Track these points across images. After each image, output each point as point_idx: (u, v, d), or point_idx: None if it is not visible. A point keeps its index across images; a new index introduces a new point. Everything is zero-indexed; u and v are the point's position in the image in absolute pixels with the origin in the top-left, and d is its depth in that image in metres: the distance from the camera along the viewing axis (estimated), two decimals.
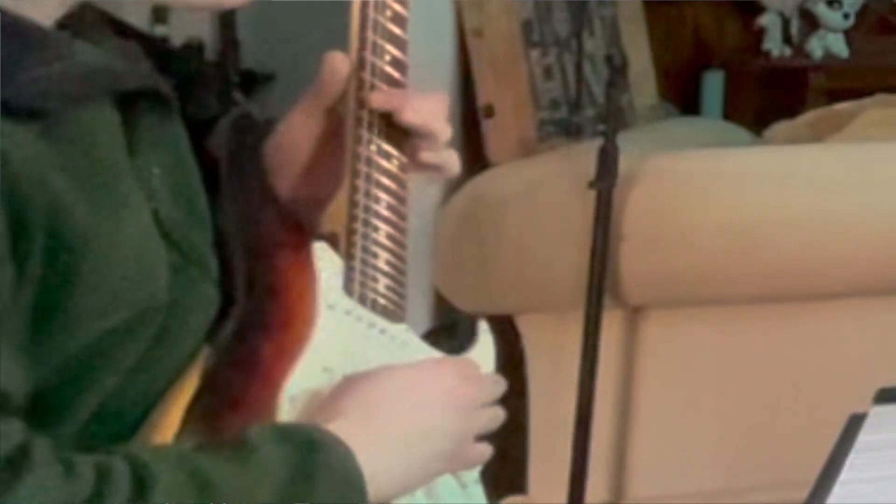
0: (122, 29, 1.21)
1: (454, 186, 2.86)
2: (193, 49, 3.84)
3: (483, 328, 1.39)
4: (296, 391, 1.18)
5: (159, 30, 3.77)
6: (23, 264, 1.01)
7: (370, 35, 1.28)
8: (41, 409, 1.05)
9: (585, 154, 2.53)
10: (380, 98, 1.27)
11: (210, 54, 3.91)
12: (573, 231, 2.50)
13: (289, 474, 1.09)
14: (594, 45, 3.71)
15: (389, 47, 1.28)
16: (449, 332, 1.41)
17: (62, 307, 1.04)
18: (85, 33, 1.14)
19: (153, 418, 1.13)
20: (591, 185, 2.45)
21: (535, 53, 3.53)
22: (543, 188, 2.62)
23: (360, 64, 1.28)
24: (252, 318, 1.18)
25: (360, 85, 1.28)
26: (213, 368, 1.15)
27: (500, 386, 1.30)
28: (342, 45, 1.30)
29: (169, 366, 1.14)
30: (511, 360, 2.43)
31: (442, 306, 2.96)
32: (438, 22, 3.45)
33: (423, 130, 1.28)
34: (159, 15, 3.75)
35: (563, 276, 2.53)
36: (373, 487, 1.13)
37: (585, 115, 3.60)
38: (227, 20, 3.86)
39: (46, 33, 1.09)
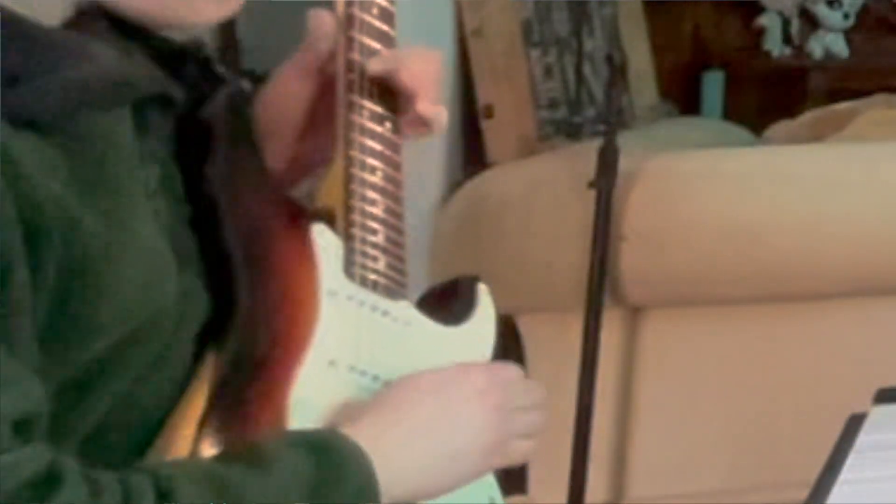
0: (125, 28, 1.17)
1: (454, 186, 2.86)
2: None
3: (483, 290, 1.36)
4: (302, 390, 1.14)
5: None
6: (37, 275, 0.98)
7: None
8: (49, 418, 1.02)
9: (585, 154, 2.53)
10: (376, 64, 1.22)
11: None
12: (573, 231, 2.50)
13: (308, 483, 1.07)
14: (594, 45, 3.71)
15: None
16: (448, 294, 1.36)
17: (75, 321, 1.02)
18: (96, 33, 1.11)
19: (167, 428, 1.11)
20: (591, 185, 2.45)
21: (535, 53, 3.52)
22: (543, 188, 2.62)
23: (348, 22, 1.22)
24: (255, 316, 1.14)
25: (349, 45, 1.22)
26: (220, 373, 1.12)
27: (535, 392, 1.27)
28: None
29: (173, 370, 1.12)
30: (511, 360, 2.42)
31: None
32: (438, 22, 3.44)
33: (415, 93, 1.24)
34: None
35: (563, 276, 2.53)
36: (392, 489, 1.12)
37: (585, 115, 3.59)
38: (226, 20, 3.86)
39: (56, 38, 1.06)
